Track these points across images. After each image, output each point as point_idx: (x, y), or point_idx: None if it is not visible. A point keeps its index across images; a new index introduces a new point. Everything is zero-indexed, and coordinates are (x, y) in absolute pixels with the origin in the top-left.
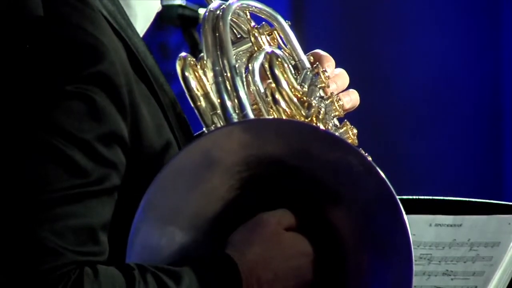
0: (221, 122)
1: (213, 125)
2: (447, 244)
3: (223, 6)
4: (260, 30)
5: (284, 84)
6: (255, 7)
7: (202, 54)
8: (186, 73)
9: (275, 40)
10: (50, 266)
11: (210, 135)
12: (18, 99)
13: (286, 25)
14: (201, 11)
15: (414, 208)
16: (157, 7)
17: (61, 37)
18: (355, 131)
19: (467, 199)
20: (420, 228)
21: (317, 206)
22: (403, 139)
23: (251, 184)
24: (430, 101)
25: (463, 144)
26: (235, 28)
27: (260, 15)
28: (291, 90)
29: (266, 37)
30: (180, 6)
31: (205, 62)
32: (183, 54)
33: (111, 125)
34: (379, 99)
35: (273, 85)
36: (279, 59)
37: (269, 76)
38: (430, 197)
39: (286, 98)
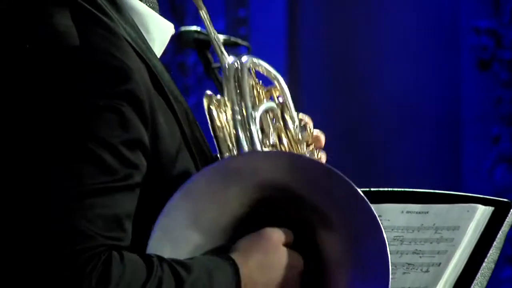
0: (234, 151)
1: (228, 153)
2: (416, 228)
3: (239, 60)
4: (262, 86)
5: (290, 125)
6: (263, 66)
7: (221, 95)
8: (211, 107)
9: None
10: (82, 247)
11: (233, 159)
12: (57, 112)
13: (285, 86)
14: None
15: (389, 198)
16: (171, 31)
17: (96, 62)
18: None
19: (432, 191)
20: (393, 215)
21: (311, 228)
22: (379, 141)
23: (260, 203)
24: (400, 109)
25: (428, 145)
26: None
27: (264, 73)
28: (291, 133)
29: (264, 91)
30: (195, 31)
31: (226, 101)
32: (208, 92)
33: (135, 134)
34: (359, 107)
35: (281, 126)
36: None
37: (279, 118)
38: (402, 189)
39: (290, 138)
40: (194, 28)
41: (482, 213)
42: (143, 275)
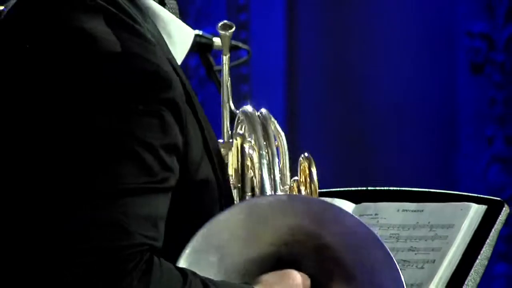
0: (257, 190)
1: (250, 192)
2: (412, 226)
3: (262, 111)
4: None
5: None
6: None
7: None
8: (245, 145)
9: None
10: (124, 244)
11: (276, 197)
12: (103, 113)
13: (285, 143)
14: (215, 39)
15: (385, 197)
16: (192, 37)
17: (139, 68)
18: (313, 168)
19: (427, 190)
20: (390, 213)
21: (329, 278)
22: (376, 141)
23: (289, 246)
24: (396, 110)
25: (424, 145)
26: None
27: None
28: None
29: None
30: (197, 35)
31: (253, 144)
32: (240, 131)
33: (173, 138)
34: (356, 109)
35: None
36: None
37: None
38: (398, 188)
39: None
40: (196, 32)
41: (475, 211)
42: (179, 284)
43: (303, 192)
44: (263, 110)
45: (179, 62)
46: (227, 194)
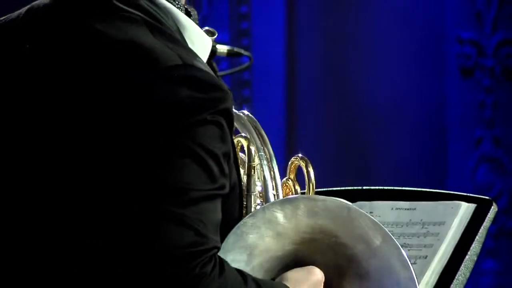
0: (259, 189)
1: (254, 191)
2: (405, 223)
3: (249, 115)
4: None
5: (312, 178)
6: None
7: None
8: (251, 147)
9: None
10: (202, 248)
11: (299, 198)
12: (168, 123)
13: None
14: (219, 46)
15: (380, 196)
16: (210, 44)
17: (203, 80)
18: (310, 169)
19: (420, 189)
20: (384, 211)
21: (343, 274)
22: (371, 143)
23: (307, 244)
24: (390, 114)
25: (416, 147)
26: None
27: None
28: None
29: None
30: None
31: (250, 147)
32: (246, 135)
33: (229, 147)
34: (352, 113)
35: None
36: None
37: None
38: (392, 188)
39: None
40: None
41: (465, 209)
42: (242, 284)
43: (298, 192)
44: (246, 112)
45: None
46: (241, 194)
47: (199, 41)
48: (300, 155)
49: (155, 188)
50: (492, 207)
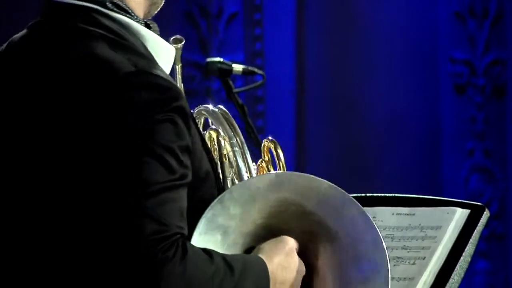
0: (234, 174)
1: (229, 176)
2: (405, 227)
3: (221, 109)
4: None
5: (282, 158)
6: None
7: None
8: (220, 139)
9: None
10: (164, 235)
11: (261, 177)
12: (126, 126)
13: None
14: (234, 66)
15: (381, 202)
16: (174, 53)
17: (153, 83)
18: (279, 150)
19: (418, 196)
20: (385, 216)
21: (315, 239)
22: (373, 154)
23: (277, 216)
24: (390, 127)
25: (414, 158)
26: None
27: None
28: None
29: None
30: (219, 62)
31: (223, 136)
32: (214, 126)
33: (185, 141)
34: (355, 126)
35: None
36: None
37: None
38: (392, 195)
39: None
40: (218, 59)
41: (460, 215)
42: (208, 263)
43: (271, 171)
44: (221, 107)
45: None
46: (218, 180)
47: (162, 50)
48: (270, 137)
49: (119, 185)
50: (485, 212)
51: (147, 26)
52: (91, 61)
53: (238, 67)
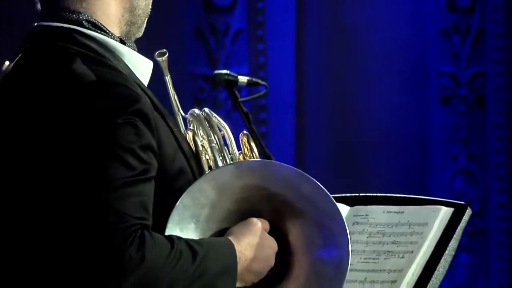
0: (212, 167)
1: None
2: (394, 224)
3: (205, 111)
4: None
5: (254, 150)
6: (216, 116)
7: (247, 123)
8: (196, 138)
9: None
10: (122, 226)
11: (223, 168)
12: (87, 131)
13: (230, 132)
14: (240, 77)
15: (373, 201)
16: (151, 65)
17: (112, 91)
18: (252, 143)
19: (407, 195)
20: (377, 214)
21: (283, 217)
22: (367, 158)
23: (245, 201)
24: (382, 134)
25: (403, 161)
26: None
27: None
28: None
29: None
30: (226, 74)
31: (202, 134)
32: (191, 127)
33: (147, 140)
34: (351, 132)
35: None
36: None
37: (248, 146)
38: (383, 195)
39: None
40: (224, 71)
41: (445, 212)
42: (168, 248)
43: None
44: (206, 109)
45: (145, 84)
46: (195, 176)
47: (139, 63)
48: (244, 131)
49: (83, 183)
50: (467, 211)
51: (122, 42)
52: (63, 74)
53: (243, 79)
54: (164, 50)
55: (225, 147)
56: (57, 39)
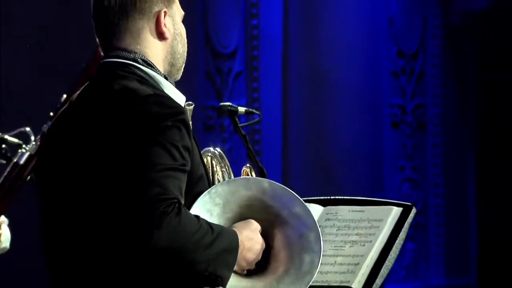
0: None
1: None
2: (357, 220)
3: (217, 149)
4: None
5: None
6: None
7: (245, 144)
8: (213, 162)
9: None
10: (166, 197)
11: (238, 179)
12: (146, 129)
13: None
14: (239, 108)
15: (342, 202)
16: (184, 100)
17: (164, 102)
18: (253, 173)
19: (367, 198)
20: (344, 212)
21: (272, 224)
22: (336, 172)
23: (247, 207)
24: (348, 152)
25: (364, 173)
26: None
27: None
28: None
29: None
30: (229, 105)
31: (216, 160)
32: (209, 154)
33: (186, 142)
34: (326, 152)
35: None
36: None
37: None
38: (349, 197)
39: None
40: (228, 103)
41: (396, 211)
42: (196, 220)
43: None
44: (218, 149)
45: None
46: (210, 184)
47: (176, 96)
48: (248, 165)
49: (138, 164)
50: (413, 210)
51: (165, 78)
52: (125, 90)
53: (241, 109)
54: (191, 102)
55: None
56: (119, 69)
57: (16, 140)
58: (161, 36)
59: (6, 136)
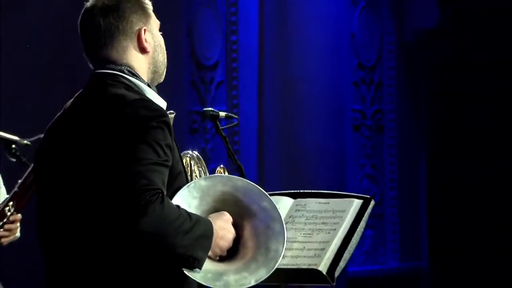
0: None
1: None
2: (323, 210)
3: (195, 152)
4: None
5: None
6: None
7: (226, 145)
8: (191, 162)
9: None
10: (150, 187)
11: (215, 176)
12: (132, 129)
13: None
14: (220, 112)
15: (310, 195)
16: (165, 105)
17: (148, 105)
18: (226, 173)
19: (332, 191)
20: (312, 204)
21: (242, 216)
22: (307, 170)
23: (222, 201)
24: (317, 155)
25: (328, 172)
26: None
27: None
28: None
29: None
30: (211, 110)
31: (193, 162)
32: (188, 155)
33: (169, 141)
34: (294, 152)
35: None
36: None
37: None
38: (316, 191)
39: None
40: (210, 109)
41: (357, 203)
42: (177, 209)
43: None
44: (196, 152)
45: None
46: (187, 180)
47: (158, 101)
48: (221, 165)
49: (127, 159)
50: (372, 201)
51: (148, 85)
52: (115, 95)
53: (222, 114)
54: (172, 111)
55: (207, 171)
56: (107, 79)
57: (25, 141)
58: (143, 50)
59: (17, 138)
